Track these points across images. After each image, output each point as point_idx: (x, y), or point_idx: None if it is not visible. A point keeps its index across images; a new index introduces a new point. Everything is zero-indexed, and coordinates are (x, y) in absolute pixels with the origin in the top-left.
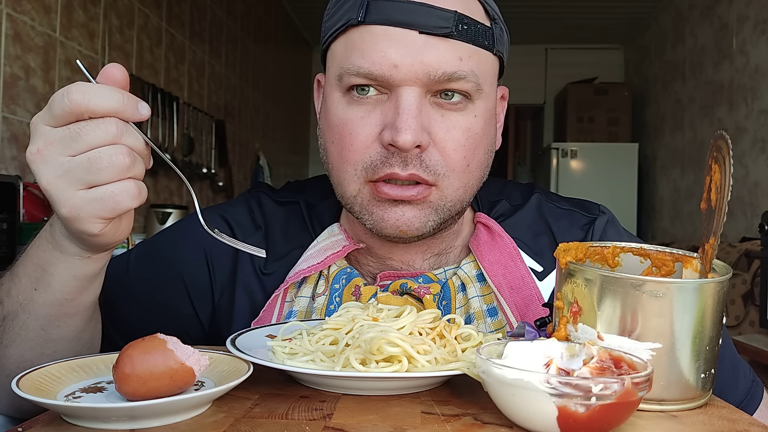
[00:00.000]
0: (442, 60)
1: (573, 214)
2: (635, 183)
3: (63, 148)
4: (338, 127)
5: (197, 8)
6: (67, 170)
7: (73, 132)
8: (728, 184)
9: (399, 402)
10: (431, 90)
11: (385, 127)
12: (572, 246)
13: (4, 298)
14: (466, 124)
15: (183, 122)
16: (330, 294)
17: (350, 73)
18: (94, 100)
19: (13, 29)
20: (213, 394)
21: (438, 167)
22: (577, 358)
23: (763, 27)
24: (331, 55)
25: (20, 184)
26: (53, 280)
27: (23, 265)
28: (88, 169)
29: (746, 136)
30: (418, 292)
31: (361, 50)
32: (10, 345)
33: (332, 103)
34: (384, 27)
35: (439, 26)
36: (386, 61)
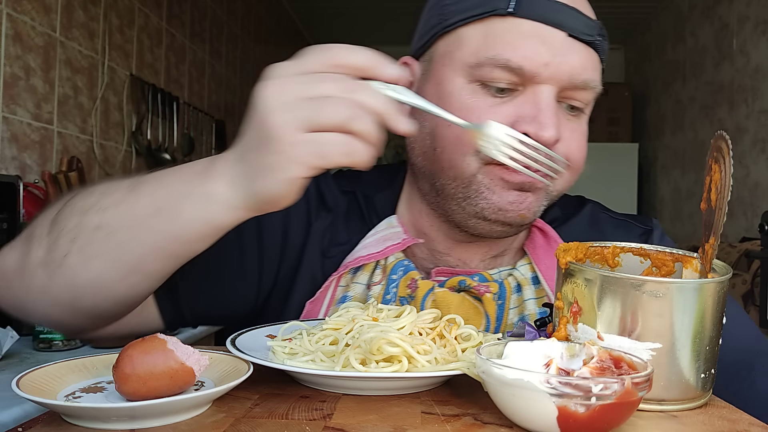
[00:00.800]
0: (584, 66)
1: (628, 225)
2: (635, 183)
3: (301, 89)
4: (463, 111)
5: (197, 8)
6: (295, 108)
7: (316, 78)
8: (728, 184)
9: (399, 402)
10: (563, 92)
11: (520, 119)
12: (572, 246)
13: (110, 207)
14: (584, 130)
15: (183, 122)
16: (387, 284)
17: (494, 64)
18: (350, 57)
19: (13, 29)
20: (213, 394)
21: (560, 162)
22: (577, 358)
23: (764, 27)
24: (456, 40)
25: (20, 184)
26: (181, 216)
27: (152, 186)
28: (313, 111)
29: (746, 137)
30: (478, 290)
31: (509, 42)
32: (94, 258)
33: (454, 88)
34: (534, 23)
35: (586, 33)
36: (539, 58)
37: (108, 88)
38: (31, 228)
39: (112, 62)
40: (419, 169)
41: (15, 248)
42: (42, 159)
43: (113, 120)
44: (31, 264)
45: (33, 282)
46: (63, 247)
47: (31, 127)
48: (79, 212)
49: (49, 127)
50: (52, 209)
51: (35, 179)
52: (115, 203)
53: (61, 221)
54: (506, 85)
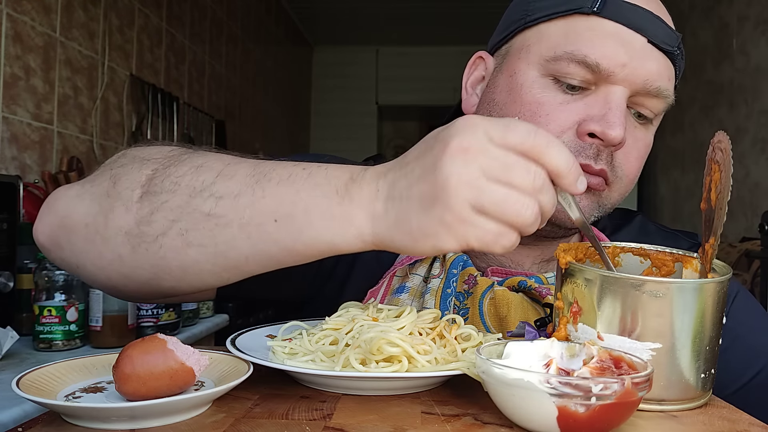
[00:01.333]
0: (661, 74)
1: (677, 238)
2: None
3: (491, 167)
4: (532, 105)
5: (197, 8)
6: (479, 186)
7: (509, 162)
8: (728, 184)
9: (399, 402)
10: (634, 97)
11: (588, 119)
12: (572, 246)
13: (226, 195)
14: (648, 140)
15: (183, 122)
16: (447, 278)
17: (571, 58)
18: (553, 153)
19: (13, 29)
20: (213, 394)
21: (619, 169)
22: (577, 358)
23: (764, 27)
24: (536, 34)
25: (20, 184)
26: (307, 231)
27: (280, 186)
28: (495, 203)
29: (746, 137)
30: (539, 292)
31: (590, 40)
32: (195, 246)
33: (526, 80)
34: (617, 24)
35: (666, 42)
36: (617, 58)
37: (108, 88)
38: (115, 182)
39: (112, 62)
40: None
41: (84, 199)
42: (42, 159)
43: (113, 120)
44: (111, 227)
45: (109, 248)
46: (160, 224)
47: (31, 127)
48: (188, 190)
49: (49, 127)
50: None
51: (35, 179)
52: (234, 193)
53: (160, 192)
54: (579, 83)
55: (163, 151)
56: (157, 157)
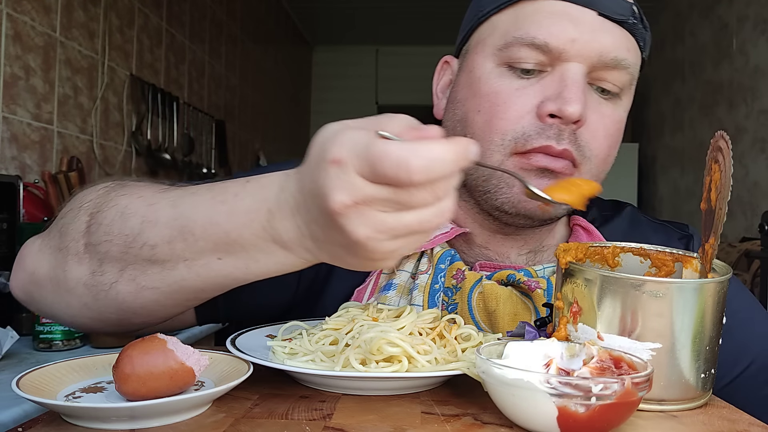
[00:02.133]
0: (616, 45)
1: (667, 229)
2: (635, 183)
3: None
4: (489, 96)
5: (197, 8)
6: (391, 228)
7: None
8: (728, 184)
9: (399, 402)
10: (593, 72)
11: (546, 100)
12: (572, 246)
13: (160, 243)
14: (617, 116)
15: (183, 122)
16: (435, 273)
17: (521, 42)
18: (435, 173)
19: (13, 29)
20: (213, 394)
21: (586, 149)
22: (577, 358)
23: (763, 27)
24: (489, 27)
25: (20, 184)
26: (254, 265)
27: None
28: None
29: (746, 136)
30: (528, 285)
31: (537, 21)
32: (150, 289)
33: (483, 73)
34: (564, 3)
35: (618, 12)
36: (565, 35)
37: (108, 88)
38: (61, 235)
39: (112, 62)
40: None
41: (44, 253)
42: (42, 159)
43: (113, 120)
44: (71, 279)
45: (74, 298)
46: (110, 273)
47: (31, 127)
48: (122, 240)
49: (49, 127)
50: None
51: (35, 179)
52: (166, 240)
53: (99, 243)
54: (533, 66)
55: (94, 192)
56: (88, 203)
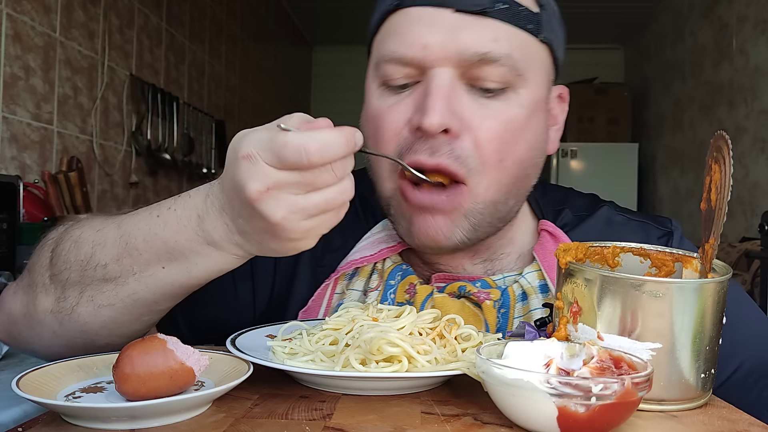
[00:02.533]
0: (476, 39)
1: (647, 227)
2: (635, 183)
3: (296, 189)
4: (372, 119)
5: (197, 8)
6: (303, 208)
7: (307, 179)
8: (728, 184)
9: (399, 402)
10: (466, 73)
11: (414, 112)
12: (572, 246)
13: (110, 263)
14: (506, 114)
15: (183, 122)
16: (385, 290)
17: (385, 60)
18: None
19: (13, 29)
20: (213, 394)
21: (469, 159)
22: (577, 358)
23: (763, 27)
24: (373, 48)
25: (20, 184)
26: (195, 268)
27: (147, 242)
28: (323, 208)
29: (746, 136)
30: (478, 296)
31: (395, 35)
32: (106, 306)
33: (369, 96)
34: (418, 8)
35: (474, 3)
36: (418, 42)
37: (108, 88)
38: (30, 273)
39: (112, 62)
40: None
41: (18, 294)
42: (42, 159)
43: (113, 120)
44: (39, 312)
45: (44, 329)
46: (72, 297)
47: (31, 127)
48: (78, 266)
49: (49, 127)
50: (41, 250)
51: (35, 179)
52: (114, 258)
53: (60, 272)
54: (405, 80)
55: (55, 232)
56: (50, 241)
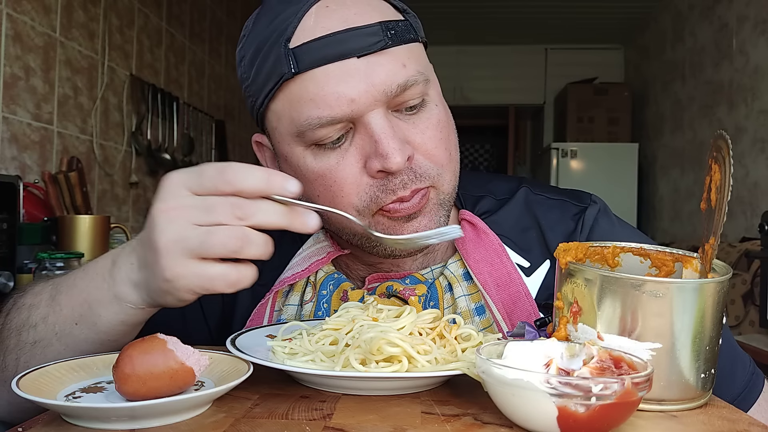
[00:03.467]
0: (391, 73)
1: (564, 204)
2: (635, 183)
3: (193, 216)
4: (318, 180)
5: (197, 8)
6: (185, 237)
7: (208, 204)
8: (728, 184)
9: (399, 402)
10: (391, 104)
11: (368, 158)
12: (572, 246)
13: (39, 322)
14: (434, 118)
15: (183, 122)
16: (318, 300)
17: (312, 126)
18: (244, 180)
19: (13, 29)
20: (213, 394)
21: (430, 170)
22: (577, 358)
23: (763, 27)
24: (273, 116)
25: (20, 184)
26: (99, 321)
27: (68, 295)
28: (202, 243)
29: (746, 136)
30: (404, 293)
31: (311, 100)
32: None
33: (298, 160)
34: (323, 68)
35: (373, 43)
36: (342, 99)
37: (108, 88)
38: None
39: (112, 62)
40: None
41: None
42: (42, 159)
43: (113, 120)
44: None
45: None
46: (10, 365)
47: (31, 127)
48: (16, 331)
49: (49, 127)
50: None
51: (35, 179)
52: (42, 317)
53: (3, 340)
54: (339, 134)
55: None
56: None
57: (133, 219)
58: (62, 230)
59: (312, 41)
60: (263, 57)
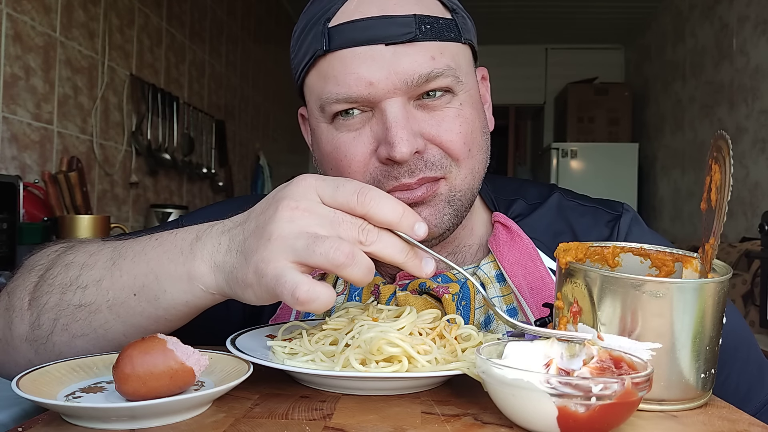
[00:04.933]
0: (415, 64)
1: (597, 212)
2: (635, 183)
3: (317, 224)
4: (332, 154)
5: (197, 8)
6: (299, 237)
7: (336, 218)
8: (728, 184)
9: (399, 402)
10: (413, 95)
11: (379, 143)
12: (572, 246)
13: (90, 285)
14: (455, 112)
15: (183, 122)
16: (350, 292)
17: (330, 101)
18: (378, 208)
19: (13, 29)
20: (213, 394)
21: (443, 161)
22: (577, 358)
23: (764, 27)
24: (307, 89)
25: (20, 184)
26: (163, 296)
27: (133, 261)
28: (308, 246)
29: (746, 136)
30: (437, 291)
31: (334, 77)
32: (80, 336)
33: (321, 133)
34: (351, 49)
35: (403, 33)
36: (361, 81)
37: (108, 88)
38: (10, 296)
39: (112, 62)
40: None
41: None
42: (42, 159)
43: (113, 120)
44: (15, 338)
45: (20, 355)
46: (46, 325)
47: (31, 127)
48: (59, 289)
49: (49, 127)
50: (28, 273)
51: (35, 179)
52: (96, 280)
53: (41, 296)
54: (358, 113)
55: (48, 253)
56: (42, 262)
57: (132, 219)
58: (62, 230)
59: (347, 23)
60: (306, 33)
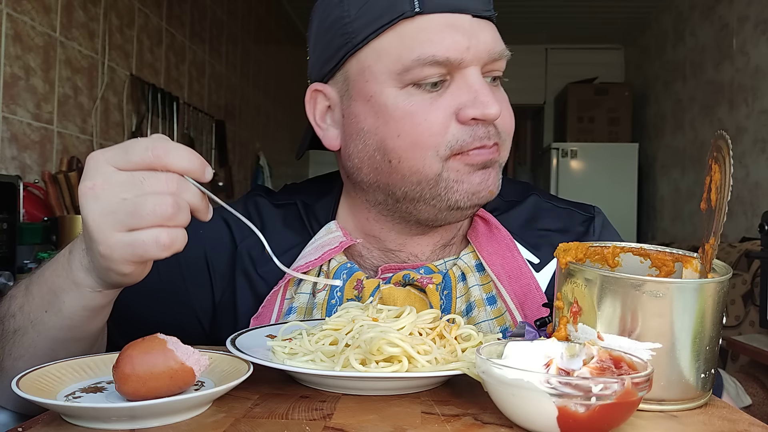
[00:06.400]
0: (494, 39)
1: (572, 212)
2: (635, 183)
3: (121, 191)
4: (406, 118)
5: (197, 8)
6: (113, 210)
7: (137, 179)
8: (728, 184)
9: (399, 402)
10: (484, 69)
11: (462, 107)
12: (572, 246)
13: (17, 312)
14: (506, 97)
15: (183, 122)
16: (331, 289)
17: (421, 63)
18: (174, 158)
19: (13, 29)
20: (213, 394)
21: (503, 133)
22: (577, 358)
23: (764, 27)
24: (372, 54)
25: (20, 184)
26: (63, 307)
27: (38, 285)
28: (131, 213)
29: (746, 136)
30: (421, 282)
31: (428, 39)
32: (19, 359)
33: (388, 99)
34: (443, 15)
35: (485, 9)
36: (459, 45)
37: (108, 88)
38: None
39: (112, 62)
40: (370, 184)
41: None
42: (42, 159)
43: (113, 120)
44: None
45: None
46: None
47: (31, 127)
48: (1, 321)
49: (49, 127)
50: None
51: (35, 179)
52: (19, 307)
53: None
54: (439, 78)
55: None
56: None
57: None
58: (62, 230)
59: None
60: None
